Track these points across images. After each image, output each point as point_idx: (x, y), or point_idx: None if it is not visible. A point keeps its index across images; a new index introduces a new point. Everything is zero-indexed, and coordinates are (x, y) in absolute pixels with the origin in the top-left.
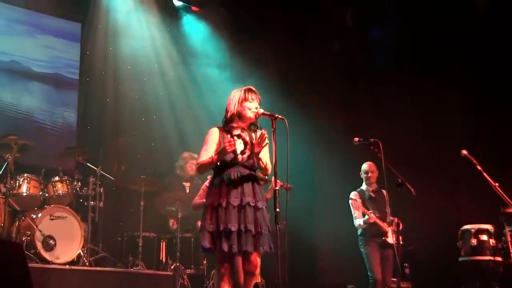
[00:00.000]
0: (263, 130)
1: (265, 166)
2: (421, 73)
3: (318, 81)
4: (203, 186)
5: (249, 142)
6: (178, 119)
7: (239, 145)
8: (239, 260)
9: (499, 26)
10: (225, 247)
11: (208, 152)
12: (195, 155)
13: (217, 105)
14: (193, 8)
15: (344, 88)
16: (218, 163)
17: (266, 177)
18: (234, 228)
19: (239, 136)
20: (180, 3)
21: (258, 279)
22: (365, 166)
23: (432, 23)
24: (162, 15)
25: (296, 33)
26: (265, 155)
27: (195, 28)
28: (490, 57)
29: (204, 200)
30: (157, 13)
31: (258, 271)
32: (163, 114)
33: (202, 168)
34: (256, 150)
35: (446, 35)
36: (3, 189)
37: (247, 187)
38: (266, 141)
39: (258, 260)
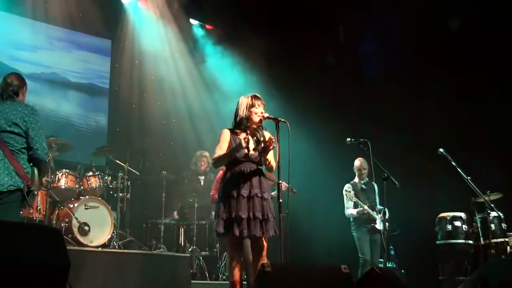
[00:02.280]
0: (270, 136)
1: (269, 162)
2: (403, 83)
3: (315, 90)
4: (217, 178)
5: (255, 143)
6: (193, 122)
7: (251, 144)
8: (248, 243)
9: (472, 41)
10: (237, 232)
11: (222, 150)
12: (205, 153)
13: (227, 110)
14: (207, 26)
15: (337, 95)
16: (232, 156)
17: (272, 175)
18: (244, 215)
19: (252, 135)
20: (196, 22)
21: (265, 259)
22: (357, 162)
23: (409, 41)
24: (181, 32)
25: (296, 49)
26: (270, 156)
27: (208, 43)
28: (462, 70)
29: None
30: (177, 31)
31: (265, 252)
32: (181, 118)
33: (217, 162)
34: (264, 150)
35: (423, 51)
36: (45, 183)
37: (255, 180)
38: (274, 144)
39: (265, 243)
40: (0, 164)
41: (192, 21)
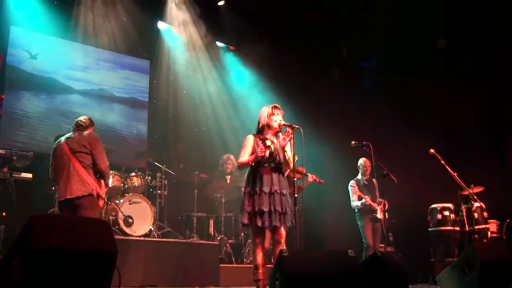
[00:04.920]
0: (288, 129)
1: (288, 159)
2: (399, 92)
3: (323, 100)
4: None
5: (277, 146)
6: (220, 129)
7: (271, 147)
8: (269, 232)
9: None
10: (259, 223)
11: (246, 154)
12: (231, 156)
13: (249, 118)
14: (231, 47)
15: (343, 104)
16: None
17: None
18: (266, 209)
19: (269, 146)
20: (221, 44)
21: (283, 246)
22: (361, 161)
23: (403, 55)
24: (209, 52)
25: (307, 65)
26: (288, 151)
27: (232, 62)
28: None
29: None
30: (205, 51)
31: (283, 240)
32: (210, 126)
33: (241, 166)
34: (282, 144)
35: (415, 66)
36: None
37: (275, 178)
38: (291, 135)
39: (284, 232)
40: (74, 176)
41: (218, 43)
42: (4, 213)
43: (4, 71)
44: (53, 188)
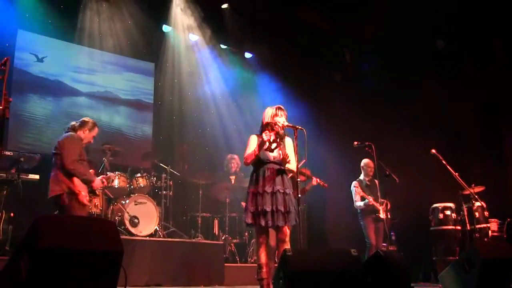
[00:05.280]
0: (288, 147)
1: (286, 156)
2: (399, 93)
3: (326, 101)
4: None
5: (281, 145)
6: (225, 130)
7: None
8: (273, 232)
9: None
10: (262, 223)
11: (250, 149)
12: (235, 156)
13: (253, 119)
14: (234, 49)
15: (345, 105)
16: (256, 161)
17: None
18: (268, 208)
19: (274, 141)
20: (225, 46)
21: (288, 245)
22: (366, 161)
23: (404, 56)
24: (213, 54)
25: (310, 67)
26: (290, 155)
27: (235, 64)
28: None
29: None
30: (209, 53)
31: (287, 239)
32: (214, 127)
33: (247, 159)
34: (282, 160)
35: (416, 67)
36: (104, 182)
37: (278, 178)
38: (288, 158)
39: (288, 231)
40: (52, 176)
41: (222, 46)
42: (12, 214)
43: (11, 74)
44: None
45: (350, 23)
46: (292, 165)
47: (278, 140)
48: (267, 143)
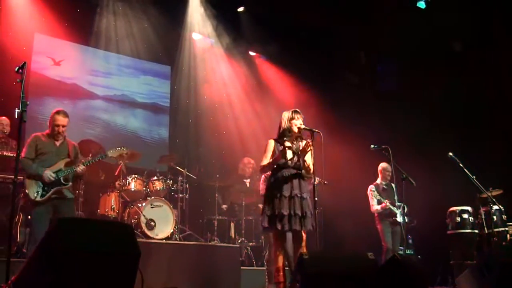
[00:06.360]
0: (308, 140)
1: (308, 166)
2: (415, 96)
3: (342, 104)
4: (262, 179)
5: (296, 151)
6: (240, 134)
7: (289, 153)
8: (289, 235)
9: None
10: (279, 226)
11: (267, 158)
12: (251, 160)
13: (269, 123)
14: (251, 52)
15: (362, 108)
16: (274, 166)
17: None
18: (285, 212)
19: (290, 147)
20: (241, 49)
21: (304, 249)
22: (383, 165)
23: (421, 58)
24: (229, 57)
25: (325, 70)
26: (308, 159)
27: (252, 68)
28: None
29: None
30: (225, 56)
31: (304, 243)
32: (230, 130)
33: (262, 170)
34: (302, 152)
35: (431, 67)
36: (118, 186)
37: (295, 182)
38: (310, 147)
39: (304, 235)
40: None
41: (238, 49)
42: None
43: (28, 77)
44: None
45: (365, 23)
46: (311, 170)
47: (296, 150)
48: (286, 155)
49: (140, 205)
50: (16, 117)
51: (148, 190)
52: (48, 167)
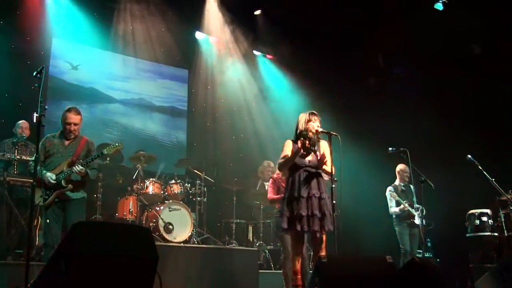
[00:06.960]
0: (323, 153)
1: (325, 171)
2: (434, 99)
3: (360, 107)
4: (270, 184)
5: (313, 150)
6: (258, 136)
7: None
8: (308, 237)
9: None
10: (298, 227)
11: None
12: (270, 163)
13: (287, 125)
14: (268, 56)
15: (379, 110)
16: (292, 166)
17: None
18: (304, 213)
19: (309, 148)
20: (258, 53)
21: (323, 251)
22: (401, 166)
23: (439, 62)
24: (246, 61)
25: (343, 73)
26: (327, 163)
27: (270, 71)
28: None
29: (277, 196)
30: (243, 60)
31: (324, 245)
32: (248, 133)
33: (282, 166)
34: (319, 162)
35: (450, 72)
36: (136, 189)
37: (313, 182)
38: (325, 159)
39: (324, 236)
40: None
41: (256, 52)
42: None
43: (46, 82)
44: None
45: (384, 27)
46: (328, 167)
47: (311, 147)
48: (302, 150)
49: (158, 208)
50: (34, 121)
51: (166, 193)
52: (52, 169)
